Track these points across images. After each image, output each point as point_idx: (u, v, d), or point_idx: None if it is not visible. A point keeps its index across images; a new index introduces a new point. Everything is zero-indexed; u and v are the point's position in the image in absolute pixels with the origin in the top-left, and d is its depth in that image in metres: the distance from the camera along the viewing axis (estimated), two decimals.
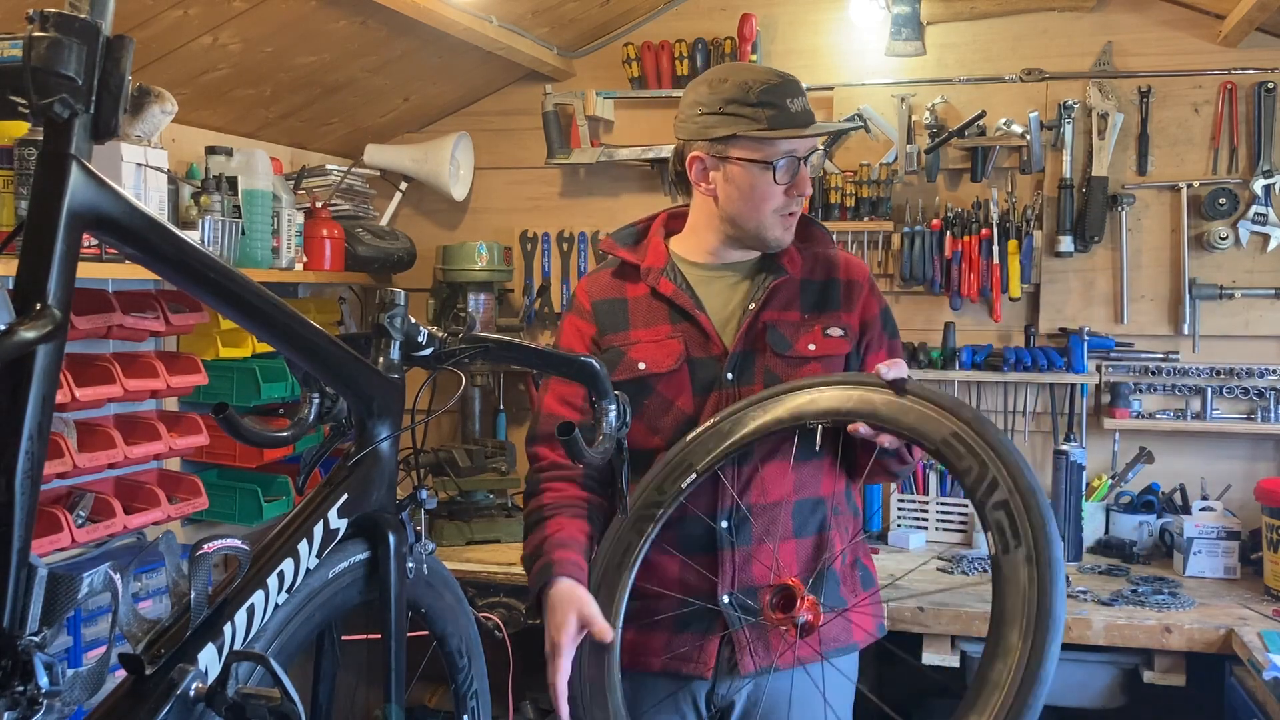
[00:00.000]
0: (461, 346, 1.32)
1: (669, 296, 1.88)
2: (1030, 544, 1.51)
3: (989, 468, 1.57)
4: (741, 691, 1.85)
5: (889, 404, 1.68)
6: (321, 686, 1.30)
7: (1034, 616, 1.49)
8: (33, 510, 0.81)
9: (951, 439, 1.61)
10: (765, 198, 1.82)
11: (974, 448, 1.59)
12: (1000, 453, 1.58)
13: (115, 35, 0.84)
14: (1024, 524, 1.52)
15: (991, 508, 1.55)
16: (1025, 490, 1.54)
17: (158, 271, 0.96)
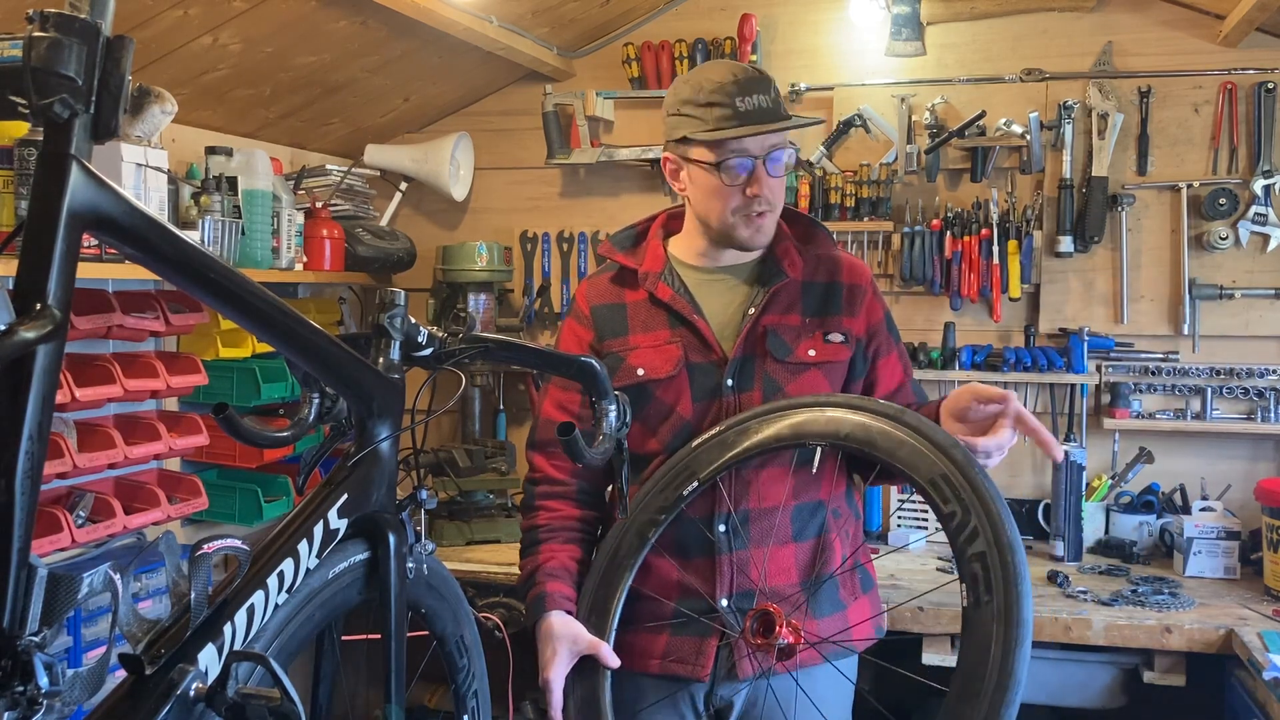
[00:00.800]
0: (461, 346, 1.32)
1: (666, 302, 1.88)
2: (1001, 601, 1.50)
3: (971, 515, 1.55)
4: (740, 693, 1.85)
5: (885, 434, 1.67)
6: (321, 686, 1.30)
7: (996, 676, 1.49)
8: (33, 510, 0.81)
9: (940, 480, 1.60)
10: (721, 198, 1.81)
11: (960, 492, 1.57)
12: (985, 502, 1.56)
13: (115, 35, 0.84)
14: (998, 580, 1.51)
15: (969, 558, 1.54)
16: (1004, 545, 1.53)
17: (158, 271, 0.96)
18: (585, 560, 1.90)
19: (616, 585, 1.80)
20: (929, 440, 1.64)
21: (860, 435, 1.69)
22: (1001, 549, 1.53)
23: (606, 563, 1.83)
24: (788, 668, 1.78)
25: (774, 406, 1.79)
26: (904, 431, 1.66)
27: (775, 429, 1.76)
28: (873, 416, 1.70)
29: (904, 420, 1.67)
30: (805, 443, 1.75)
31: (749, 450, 1.77)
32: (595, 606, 1.82)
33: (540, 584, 1.84)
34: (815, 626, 1.83)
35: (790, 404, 1.78)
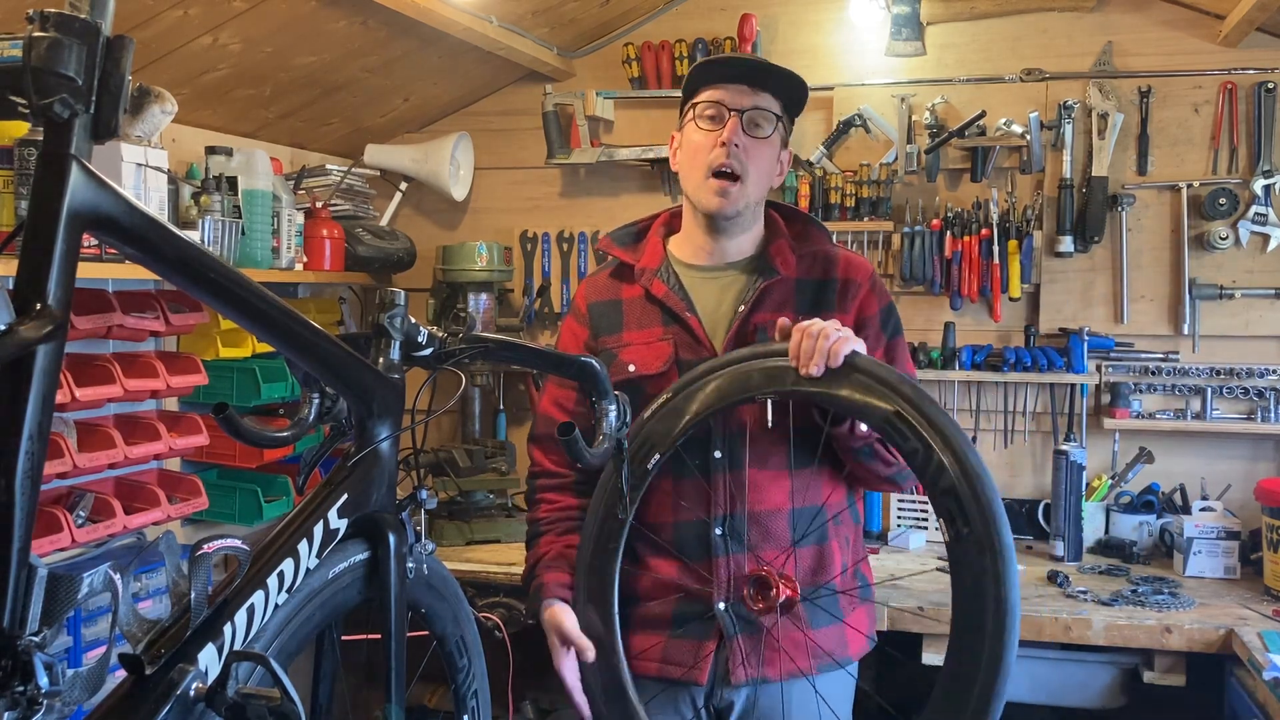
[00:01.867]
0: (461, 346, 1.32)
1: (660, 298, 1.88)
2: (980, 530, 1.51)
3: (934, 449, 1.55)
4: (740, 694, 1.85)
5: (830, 378, 1.65)
6: (321, 686, 1.30)
7: (994, 607, 1.50)
8: (33, 510, 0.81)
9: (894, 418, 1.59)
10: (694, 151, 1.86)
11: (917, 428, 1.57)
12: (944, 435, 1.55)
13: (115, 35, 0.84)
14: (972, 509, 1.52)
15: (941, 493, 1.54)
16: (971, 475, 1.53)
17: (158, 271, 0.96)
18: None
19: (608, 572, 1.81)
20: (877, 379, 1.63)
21: (807, 382, 1.67)
22: (969, 479, 1.53)
23: (592, 549, 1.82)
24: (794, 670, 1.79)
25: (718, 362, 1.78)
26: (852, 374, 1.65)
27: (717, 386, 1.75)
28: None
29: (851, 364, 1.65)
30: (754, 396, 1.74)
31: (700, 412, 1.76)
32: (592, 596, 1.82)
33: (539, 575, 1.87)
34: (813, 636, 1.83)
35: (734, 358, 1.77)
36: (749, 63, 1.86)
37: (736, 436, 1.82)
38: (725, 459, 1.82)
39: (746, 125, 1.82)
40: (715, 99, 1.83)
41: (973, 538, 1.52)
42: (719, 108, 1.83)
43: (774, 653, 1.81)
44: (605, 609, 1.81)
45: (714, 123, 1.83)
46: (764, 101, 1.84)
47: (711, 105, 1.83)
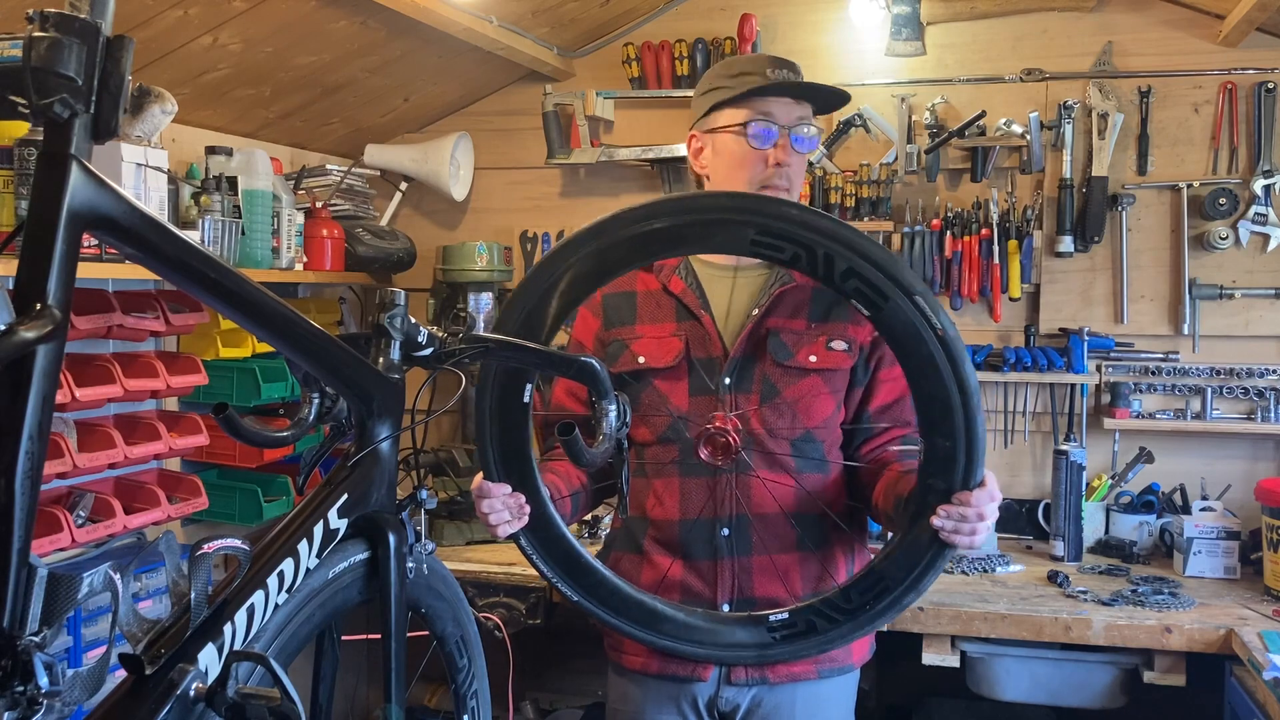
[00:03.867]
0: (461, 346, 1.32)
1: (677, 295, 1.89)
2: (896, 289, 1.47)
3: (817, 246, 1.46)
4: (744, 696, 1.85)
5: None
6: (321, 686, 1.30)
7: (936, 340, 1.48)
8: (33, 510, 0.81)
9: (760, 235, 1.48)
10: (744, 165, 1.83)
11: (789, 233, 1.47)
12: (821, 227, 1.47)
13: (115, 35, 0.84)
14: (879, 279, 1.47)
15: (841, 279, 1.47)
16: (863, 252, 1.47)
17: (158, 271, 0.96)
18: (588, 486, 1.88)
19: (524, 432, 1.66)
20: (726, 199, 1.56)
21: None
22: (864, 255, 1.46)
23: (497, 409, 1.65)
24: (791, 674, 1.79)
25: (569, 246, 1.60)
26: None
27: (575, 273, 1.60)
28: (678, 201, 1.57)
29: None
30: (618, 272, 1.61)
31: (565, 306, 1.61)
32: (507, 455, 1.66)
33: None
34: None
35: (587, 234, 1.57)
36: (796, 85, 1.83)
37: (746, 438, 1.82)
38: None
39: (795, 142, 1.83)
40: (765, 112, 1.81)
41: (892, 298, 1.47)
42: (768, 123, 1.81)
43: None
44: (524, 465, 1.67)
45: (763, 140, 1.81)
46: (806, 111, 1.85)
47: (761, 121, 1.81)
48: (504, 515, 1.62)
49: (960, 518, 1.55)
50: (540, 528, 1.68)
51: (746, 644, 1.68)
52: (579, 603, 1.71)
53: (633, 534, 1.92)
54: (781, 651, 1.68)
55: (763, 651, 1.69)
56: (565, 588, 1.71)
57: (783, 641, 1.67)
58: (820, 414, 1.84)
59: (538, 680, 3.19)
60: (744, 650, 1.69)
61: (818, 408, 1.83)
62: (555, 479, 1.82)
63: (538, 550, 1.69)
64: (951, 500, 1.55)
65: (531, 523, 1.66)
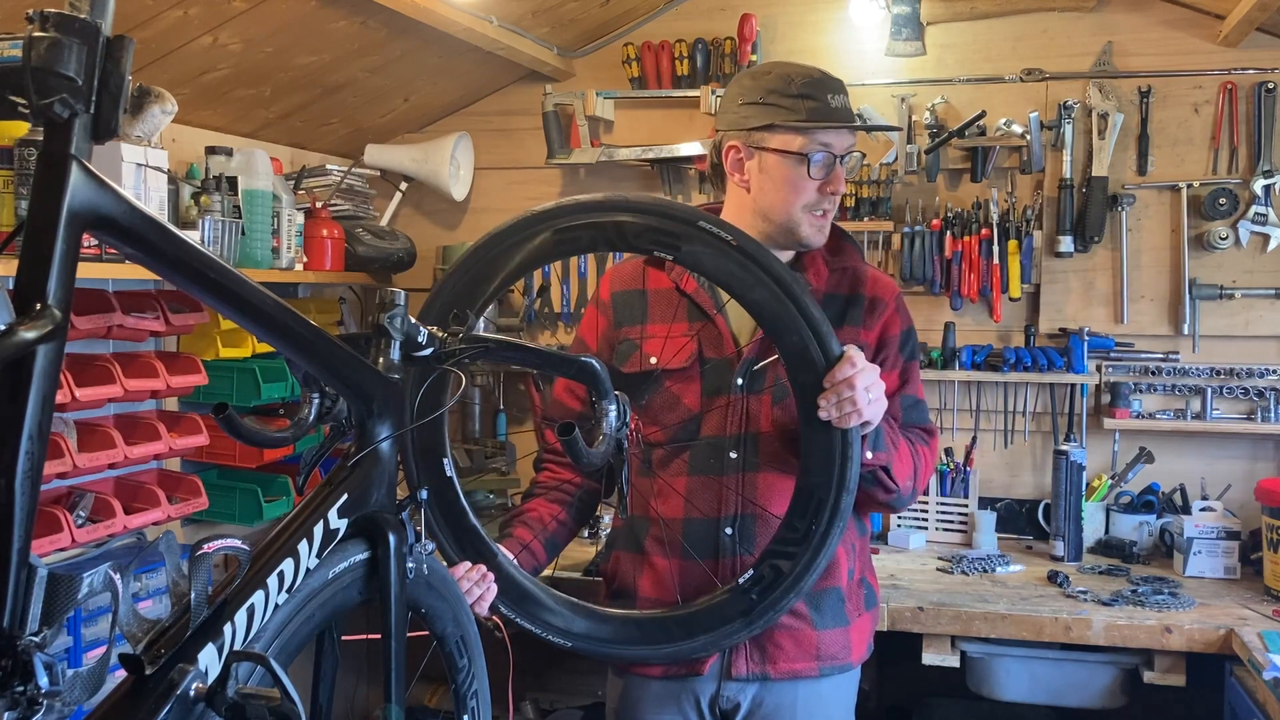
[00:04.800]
0: (461, 346, 1.32)
1: (690, 294, 1.88)
2: (682, 225, 1.63)
3: (604, 225, 1.67)
4: (745, 694, 1.85)
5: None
6: (321, 686, 1.30)
7: (734, 250, 1.63)
8: (33, 510, 0.81)
9: (558, 235, 1.71)
10: (798, 191, 1.81)
11: (581, 223, 1.69)
12: (592, 205, 1.68)
13: (115, 35, 0.84)
14: (664, 224, 1.63)
15: (635, 239, 1.66)
16: (637, 207, 1.63)
17: (158, 271, 0.96)
18: (567, 522, 1.94)
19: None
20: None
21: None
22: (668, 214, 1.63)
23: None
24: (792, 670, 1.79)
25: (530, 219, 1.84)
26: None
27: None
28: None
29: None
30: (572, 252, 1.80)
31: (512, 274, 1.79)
32: (458, 539, 1.77)
33: (510, 526, 1.90)
34: (817, 638, 1.83)
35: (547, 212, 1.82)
36: (848, 110, 1.84)
37: (752, 438, 1.82)
38: (740, 460, 1.82)
39: (844, 168, 1.85)
40: (825, 143, 1.80)
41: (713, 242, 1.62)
42: (828, 152, 1.81)
43: (777, 649, 1.82)
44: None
45: (823, 167, 1.81)
46: (855, 138, 1.86)
47: (823, 151, 1.80)
48: (475, 592, 1.68)
49: (837, 397, 1.62)
50: (509, 589, 1.75)
51: (732, 616, 1.73)
52: (575, 649, 1.78)
53: (635, 533, 1.92)
54: (765, 609, 1.72)
55: (749, 619, 1.73)
56: (555, 638, 1.78)
57: (761, 600, 1.72)
58: None
59: (538, 680, 3.19)
60: (733, 625, 1.74)
61: None
62: (524, 531, 1.87)
63: (518, 613, 1.78)
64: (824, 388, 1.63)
65: (502, 587, 1.73)
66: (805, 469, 1.67)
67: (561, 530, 1.92)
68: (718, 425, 1.83)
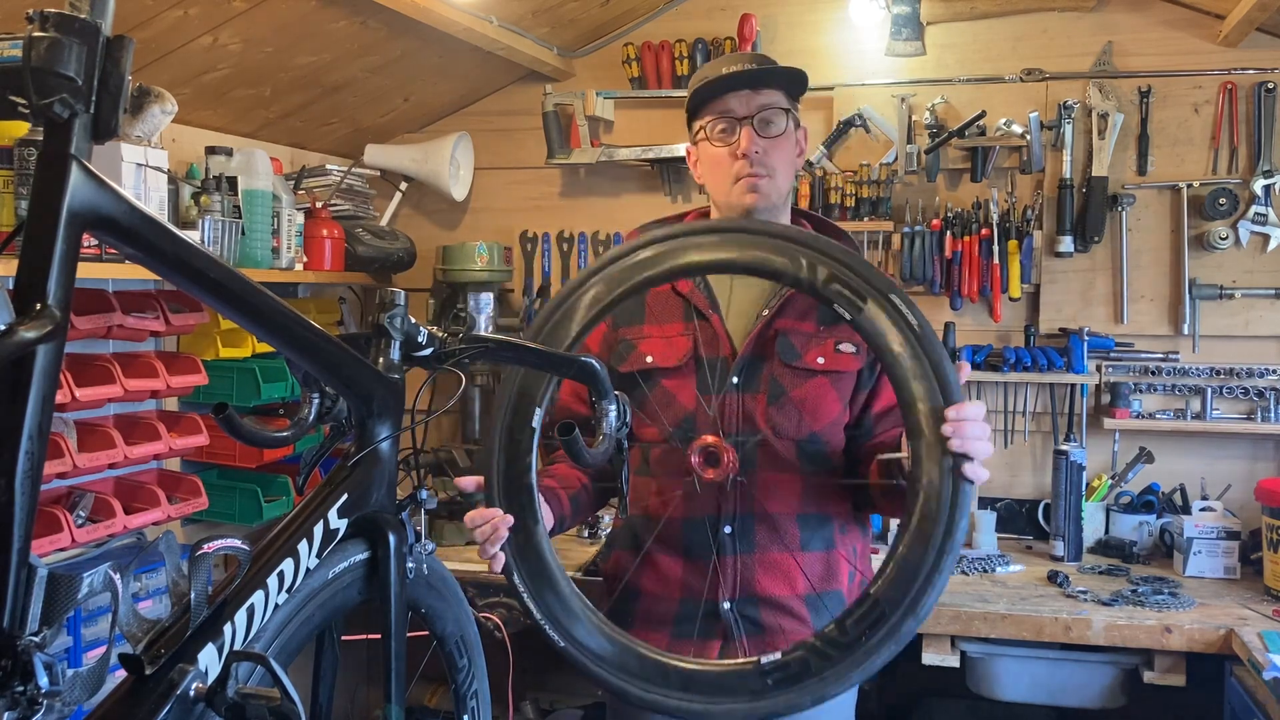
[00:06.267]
0: (461, 346, 1.32)
1: (685, 294, 1.89)
2: (874, 293, 1.55)
3: (800, 258, 1.57)
4: None
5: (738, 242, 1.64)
6: (321, 686, 1.30)
7: (915, 337, 1.53)
8: (33, 510, 0.81)
9: (750, 249, 1.60)
10: (720, 166, 1.83)
11: (778, 246, 1.59)
12: (804, 240, 1.59)
13: (115, 35, 0.84)
14: (858, 282, 1.55)
15: (824, 285, 1.56)
16: (842, 258, 1.57)
17: (158, 271, 0.96)
18: (589, 486, 1.90)
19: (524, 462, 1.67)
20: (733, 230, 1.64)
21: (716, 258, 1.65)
22: (843, 261, 1.56)
23: (507, 429, 1.68)
24: None
25: (598, 265, 1.70)
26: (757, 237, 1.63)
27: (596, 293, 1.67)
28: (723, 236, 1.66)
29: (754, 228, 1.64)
30: (675, 277, 1.70)
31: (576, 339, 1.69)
32: (510, 457, 1.67)
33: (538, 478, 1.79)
34: None
35: (636, 245, 1.68)
36: (744, 75, 1.84)
37: (748, 437, 1.82)
38: (738, 458, 1.82)
39: (759, 127, 1.81)
40: (722, 110, 1.81)
41: (871, 300, 1.54)
42: (728, 119, 1.81)
43: None
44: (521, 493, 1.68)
45: (727, 134, 1.81)
46: (769, 98, 1.82)
47: (720, 119, 1.81)
48: (484, 532, 1.60)
49: (958, 418, 1.50)
50: (533, 560, 1.66)
51: (738, 692, 1.61)
52: (565, 650, 1.66)
53: (634, 532, 1.91)
54: (775, 703, 1.60)
55: (754, 703, 1.61)
56: (551, 630, 1.66)
57: (776, 687, 1.60)
58: (827, 415, 1.84)
59: (538, 680, 3.19)
60: (736, 702, 1.62)
61: (824, 409, 1.83)
62: (551, 481, 1.82)
63: (528, 588, 1.67)
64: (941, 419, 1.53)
65: (527, 556, 1.64)
66: (880, 578, 1.56)
67: (584, 493, 1.89)
68: (714, 424, 1.83)
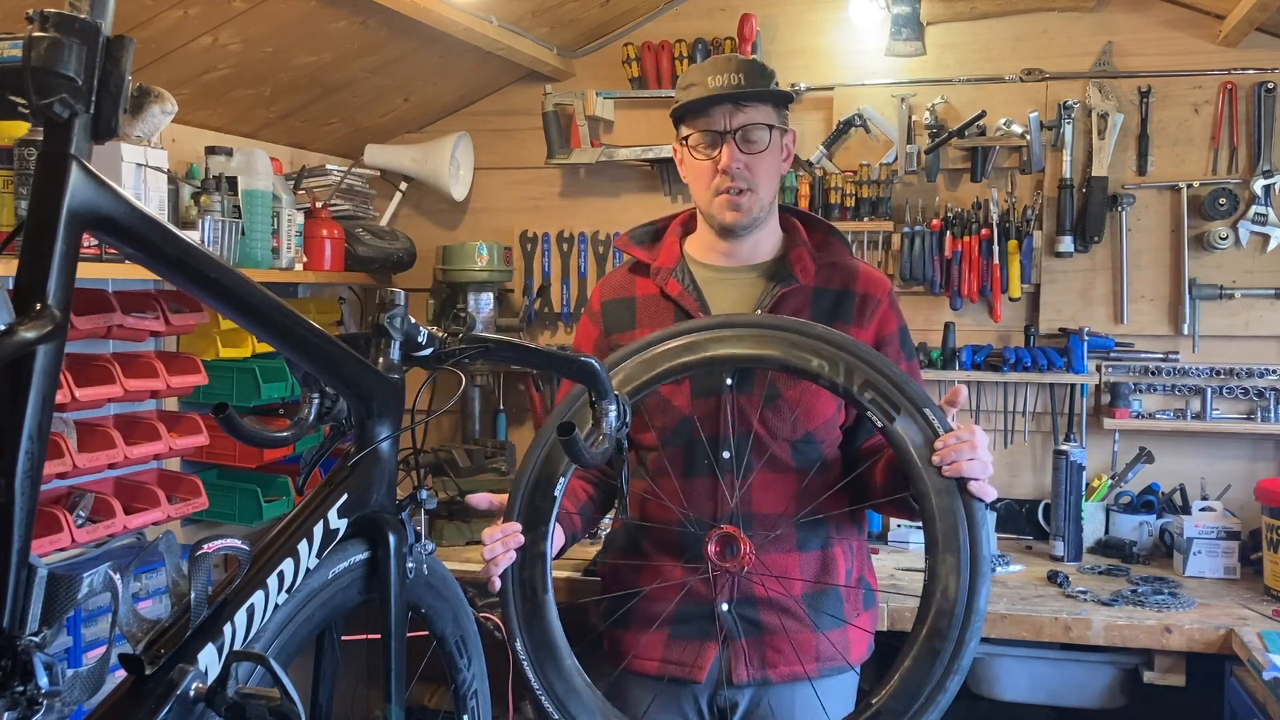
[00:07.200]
0: (461, 346, 1.32)
1: (675, 298, 1.89)
2: (906, 406, 1.60)
3: (839, 359, 1.63)
4: (744, 695, 1.85)
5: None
6: (321, 686, 1.30)
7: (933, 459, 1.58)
8: (33, 510, 0.81)
9: (791, 348, 1.66)
10: (698, 175, 1.85)
11: (818, 347, 1.64)
12: (839, 343, 1.65)
13: (115, 35, 0.84)
14: (892, 393, 1.61)
15: (859, 390, 1.62)
16: (879, 367, 1.63)
17: (158, 271, 0.96)
18: (595, 496, 1.94)
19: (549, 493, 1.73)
20: (760, 326, 1.69)
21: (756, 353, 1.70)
22: (879, 370, 1.63)
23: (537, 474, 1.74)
24: (793, 674, 1.79)
25: (635, 347, 1.76)
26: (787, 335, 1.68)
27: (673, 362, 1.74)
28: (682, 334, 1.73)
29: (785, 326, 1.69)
30: (713, 367, 1.75)
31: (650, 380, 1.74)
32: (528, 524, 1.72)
33: None
34: (816, 640, 1.82)
35: (686, 328, 1.75)
36: (728, 95, 1.80)
37: (745, 438, 1.82)
38: (734, 460, 1.82)
39: (741, 143, 1.81)
40: (705, 125, 1.81)
41: (904, 413, 1.60)
42: (710, 134, 1.81)
43: (776, 654, 1.81)
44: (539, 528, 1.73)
45: (709, 148, 1.82)
46: (752, 115, 1.81)
47: (702, 134, 1.82)
48: (495, 550, 1.65)
49: (955, 441, 1.57)
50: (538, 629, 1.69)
51: None
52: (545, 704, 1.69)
53: (633, 536, 1.92)
54: None
55: None
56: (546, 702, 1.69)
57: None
58: (821, 415, 1.84)
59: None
60: None
61: (818, 409, 1.83)
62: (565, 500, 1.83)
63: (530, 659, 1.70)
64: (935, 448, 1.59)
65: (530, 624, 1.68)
66: (884, 688, 1.56)
67: (590, 504, 1.93)
68: (710, 426, 1.83)
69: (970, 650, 1.55)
